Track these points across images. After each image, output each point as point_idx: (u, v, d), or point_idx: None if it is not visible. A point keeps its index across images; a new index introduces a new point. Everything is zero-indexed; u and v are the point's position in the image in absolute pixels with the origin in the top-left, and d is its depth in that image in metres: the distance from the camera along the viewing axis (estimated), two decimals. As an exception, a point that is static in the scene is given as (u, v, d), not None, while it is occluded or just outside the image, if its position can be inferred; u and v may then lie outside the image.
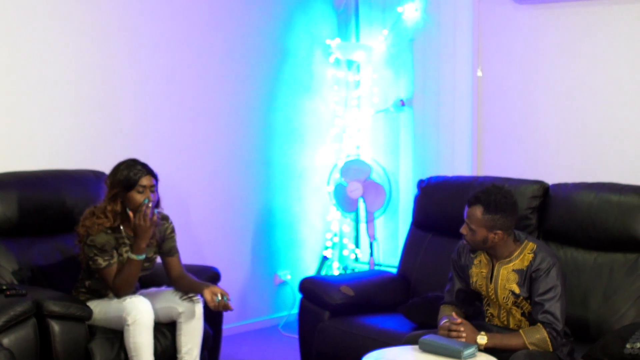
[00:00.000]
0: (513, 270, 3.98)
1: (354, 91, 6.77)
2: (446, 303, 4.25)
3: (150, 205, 4.38)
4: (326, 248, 6.84)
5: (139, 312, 4.29)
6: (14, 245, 4.73)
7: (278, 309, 6.72)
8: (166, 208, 4.70)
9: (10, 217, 4.73)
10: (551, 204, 4.69)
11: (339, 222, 6.84)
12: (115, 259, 4.44)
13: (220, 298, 4.41)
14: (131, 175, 4.41)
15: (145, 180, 4.42)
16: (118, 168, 4.48)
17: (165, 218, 4.65)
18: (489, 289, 4.05)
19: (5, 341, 4.04)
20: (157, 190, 4.50)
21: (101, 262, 4.41)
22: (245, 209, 6.43)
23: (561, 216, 4.62)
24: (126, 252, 4.47)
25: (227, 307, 4.46)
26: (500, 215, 3.90)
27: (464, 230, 3.99)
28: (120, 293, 4.42)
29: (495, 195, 3.93)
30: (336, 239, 6.85)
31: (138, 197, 4.41)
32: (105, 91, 5.51)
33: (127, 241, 4.50)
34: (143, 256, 4.42)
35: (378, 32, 6.61)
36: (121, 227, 4.49)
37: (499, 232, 3.93)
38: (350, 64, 6.70)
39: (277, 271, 6.69)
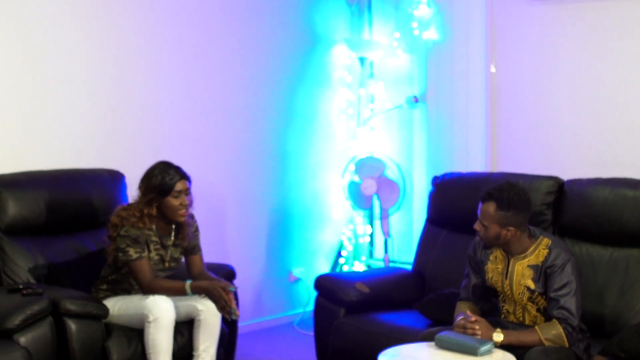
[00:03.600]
0: (528, 266, 3.98)
1: (368, 88, 6.76)
2: (462, 299, 4.25)
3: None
4: (341, 245, 6.84)
5: (161, 311, 4.31)
6: (30, 244, 4.75)
7: (293, 306, 6.72)
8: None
9: (26, 216, 4.75)
10: (566, 199, 4.68)
11: (353, 219, 6.83)
12: (146, 253, 4.47)
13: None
14: (166, 181, 4.43)
15: (180, 185, 4.46)
16: (152, 173, 4.49)
17: (191, 217, 4.69)
18: (505, 285, 4.04)
19: (22, 340, 4.06)
20: (191, 192, 4.53)
21: (132, 253, 4.43)
22: (259, 206, 6.44)
23: (576, 212, 4.61)
24: (155, 250, 4.51)
25: (231, 313, 4.47)
26: (513, 212, 3.90)
27: (477, 226, 4.00)
28: (150, 293, 4.44)
29: (508, 192, 3.93)
30: (351, 235, 6.85)
31: (174, 202, 4.46)
32: (120, 90, 5.53)
33: (157, 239, 4.53)
34: (192, 294, 4.47)
35: (391, 28, 6.60)
36: (154, 227, 4.52)
37: (511, 228, 3.93)
38: (363, 60, 6.69)
39: (292, 268, 6.69)
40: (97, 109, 5.43)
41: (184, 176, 4.50)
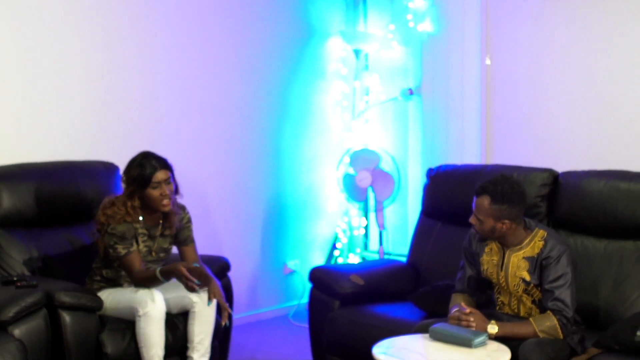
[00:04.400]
0: (524, 257, 3.98)
1: (362, 80, 6.76)
2: (458, 291, 4.25)
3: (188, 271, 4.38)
4: (336, 237, 6.85)
5: (150, 304, 4.31)
6: (24, 236, 4.74)
7: (288, 299, 6.73)
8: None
9: (20, 208, 4.74)
10: (561, 191, 4.68)
11: (348, 211, 6.84)
12: (134, 247, 4.47)
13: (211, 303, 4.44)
14: (145, 173, 4.42)
15: (159, 176, 4.43)
16: (131, 165, 4.48)
17: (182, 208, 4.68)
18: (500, 277, 4.05)
19: (17, 332, 4.05)
20: (173, 180, 4.51)
21: (121, 250, 4.43)
22: (254, 198, 6.44)
23: (571, 204, 4.61)
24: (143, 242, 4.50)
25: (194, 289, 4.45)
26: (508, 205, 3.91)
27: (472, 220, 4.01)
28: (141, 286, 4.45)
29: (502, 185, 3.93)
30: (345, 228, 6.85)
31: (154, 193, 4.43)
32: (114, 82, 5.52)
33: (145, 231, 4.52)
34: (165, 281, 4.44)
35: (386, 21, 6.59)
36: (140, 218, 4.51)
37: (506, 221, 3.93)
38: (358, 52, 6.69)
39: (287, 260, 6.70)
40: (91, 100, 5.42)
41: (163, 166, 4.46)
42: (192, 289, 4.35)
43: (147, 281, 4.44)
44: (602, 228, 4.51)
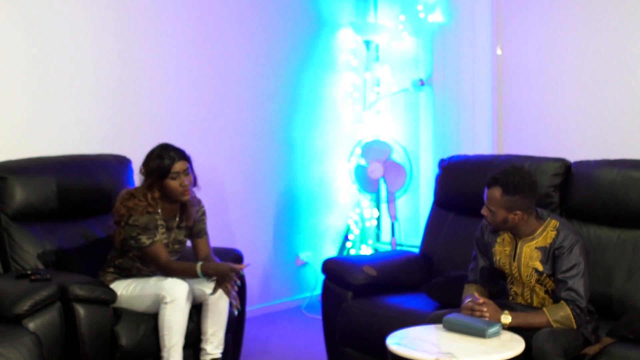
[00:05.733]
0: (536, 247, 3.98)
1: (373, 71, 6.75)
2: (470, 282, 4.25)
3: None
4: (348, 228, 6.85)
5: (178, 292, 4.35)
6: (38, 230, 4.76)
7: (300, 291, 6.74)
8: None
9: (33, 202, 4.76)
10: (573, 181, 4.67)
11: (360, 202, 6.84)
12: (158, 237, 4.49)
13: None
14: (164, 164, 4.45)
15: (177, 166, 4.47)
16: (150, 156, 4.52)
17: (198, 201, 4.72)
18: (512, 267, 4.05)
19: (31, 325, 4.07)
20: (192, 171, 4.55)
21: (145, 240, 4.45)
22: (266, 191, 6.45)
23: (583, 194, 4.60)
24: (162, 233, 4.52)
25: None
26: (519, 196, 3.90)
27: (484, 211, 4.00)
28: (167, 275, 4.48)
29: (513, 176, 3.92)
30: (358, 219, 6.85)
31: (173, 184, 4.48)
32: (126, 75, 5.53)
33: (163, 223, 4.54)
34: (202, 277, 4.49)
35: (397, 12, 6.58)
36: (159, 210, 4.53)
37: (518, 212, 3.92)
38: (369, 44, 6.68)
39: (299, 252, 6.70)
40: (104, 94, 5.43)
41: (181, 157, 4.51)
42: (227, 292, 4.45)
43: (179, 272, 4.48)
44: (615, 217, 4.50)
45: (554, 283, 3.94)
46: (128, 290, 4.49)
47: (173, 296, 4.33)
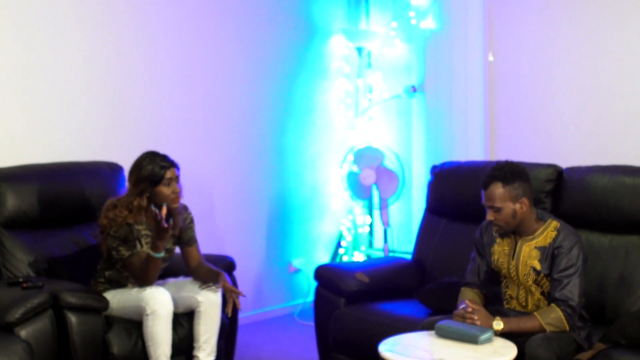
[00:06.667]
0: (536, 247, 3.98)
1: (366, 78, 6.76)
2: (468, 283, 4.24)
3: (165, 208, 4.40)
4: (340, 235, 6.85)
5: (157, 303, 4.31)
6: (29, 237, 4.75)
7: (293, 297, 6.73)
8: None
9: (25, 209, 4.75)
10: (565, 187, 4.68)
11: (352, 209, 6.84)
12: (138, 248, 4.47)
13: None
14: (157, 170, 4.43)
15: (170, 173, 4.45)
16: (141, 164, 4.48)
17: (185, 208, 4.69)
18: (510, 266, 4.04)
19: (23, 333, 4.05)
20: (179, 180, 4.54)
21: (124, 252, 4.43)
22: (258, 197, 6.44)
23: (575, 199, 4.61)
24: (147, 243, 4.49)
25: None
26: (519, 182, 3.93)
27: (490, 216, 3.98)
28: (143, 285, 4.45)
29: (505, 166, 3.97)
30: (350, 226, 6.85)
31: (166, 191, 4.45)
32: (118, 82, 5.52)
33: (148, 232, 4.52)
34: (162, 254, 4.43)
35: (388, 18, 6.59)
36: (144, 219, 4.51)
37: (524, 199, 3.93)
38: (361, 50, 6.69)
39: (292, 259, 6.70)
40: (96, 101, 5.42)
41: (172, 164, 4.49)
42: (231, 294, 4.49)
43: (147, 270, 4.43)
44: (607, 223, 4.50)
45: (550, 283, 3.94)
46: (114, 302, 4.46)
47: (153, 307, 4.30)
